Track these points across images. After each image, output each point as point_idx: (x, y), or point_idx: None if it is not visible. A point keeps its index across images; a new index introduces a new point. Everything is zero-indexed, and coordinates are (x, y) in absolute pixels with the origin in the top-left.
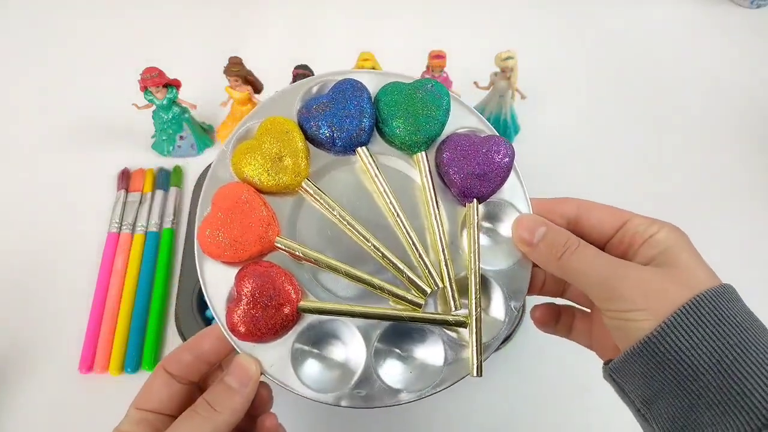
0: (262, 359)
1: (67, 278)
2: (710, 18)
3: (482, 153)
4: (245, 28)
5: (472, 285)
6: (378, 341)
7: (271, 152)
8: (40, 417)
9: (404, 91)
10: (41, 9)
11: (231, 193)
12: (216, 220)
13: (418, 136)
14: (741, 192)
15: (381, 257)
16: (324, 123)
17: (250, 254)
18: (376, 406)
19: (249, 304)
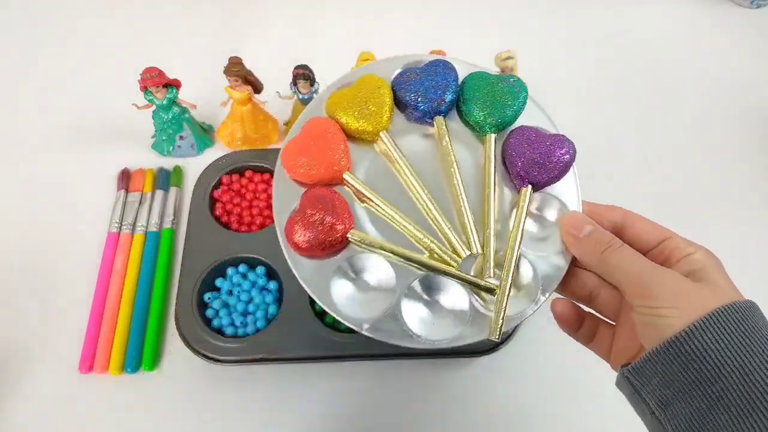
0: (307, 275)
1: (67, 278)
2: (710, 18)
3: (546, 145)
4: (245, 28)
5: (510, 258)
6: (410, 288)
7: (361, 101)
8: (40, 417)
9: (488, 80)
10: (41, 9)
11: (321, 123)
12: (302, 141)
13: (491, 118)
14: (741, 192)
15: (431, 214)
16: (412, 88)
17: (320, 178)
18: (393, 343)
19: (308, 216)
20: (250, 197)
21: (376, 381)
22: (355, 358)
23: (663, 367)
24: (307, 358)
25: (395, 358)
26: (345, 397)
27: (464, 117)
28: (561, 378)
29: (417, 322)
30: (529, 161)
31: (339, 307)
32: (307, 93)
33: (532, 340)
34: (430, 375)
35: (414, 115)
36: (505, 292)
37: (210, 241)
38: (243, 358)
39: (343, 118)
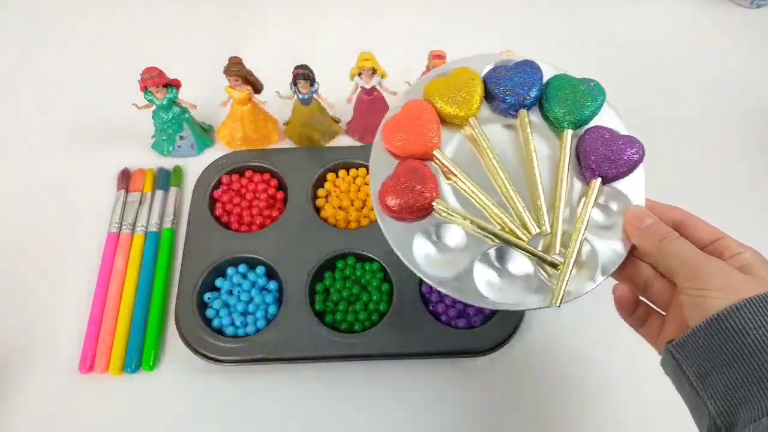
0: (394, 234)
1: (67, 278)
2: (710, 18)
3: (618, 144)
4: (245, 28)
5: (576, 239)
6: (483, 254)
7: (454, 89)
8: (40, 417)
9: (571, 81)
10: (41, 9)
11: (418, 105)
12: (401, 119)
13: (570, 116)
14: (741, 192)
15: (508, 193)
16: (502, 82)
17: (413, 152)
18: (464, 300)
19: (401, 183)
20: (250, 197)
21: (376, 381)
22: (356, 358)
23: (704, 341)
24: (307, 358)
25: (395, 358)
26: (345, 398)
27: (545, 112)
28: (560, 378)
29: (486, 286)
30: (601, 157)
31: (418, 263)
32: (307, 93)
33: (531, 340)
34: (430, 375)
35: (500, 107)
36: (568, 267)
37: (210, 241)
38: (243, 358)
39: (438, 102)
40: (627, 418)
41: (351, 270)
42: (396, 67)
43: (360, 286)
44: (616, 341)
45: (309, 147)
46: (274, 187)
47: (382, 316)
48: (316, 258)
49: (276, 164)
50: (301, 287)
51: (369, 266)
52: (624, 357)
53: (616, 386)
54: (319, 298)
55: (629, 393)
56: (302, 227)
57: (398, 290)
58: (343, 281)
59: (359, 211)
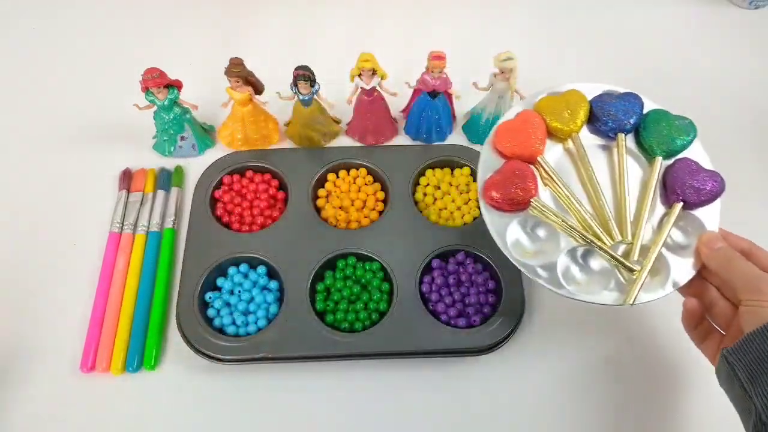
0: (497, 222)
1: (69, 278)
2: (709, 19)
3: (702, 176)
4: (246, 29)
5: (654, 250)
6: (570, 251)
7: (562, 107)
8: (42, 416)
9: (668, 116)
10: (41, 9)
11: (530, 116)
12: (513, 125)
13: (663, 146)
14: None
15: (597, 203)
16: (606, 108)
17: (520, 154)
18: (546, 286)
19: (506, 178)
20: (251, 197)
21: (376, 380)
22: (356, 357)
23: (757, 345)
24: (308, 358)
25: (396, 357)
26: (345, 397)
27: (641, 140)
28: (560, 377)
29: (566, 278)
30: (686, 185)
31: (509, 249)
32: (308, 93)
33: (531, 340)
34: (431, 374)
35: (602, 129)
36: (644, 272)
37: (211, 240)
38: (244, 357)
39: (547, 116)
40: (627, 417)
41: (351, 270)
42: (396, 68)
43: (360, 285)
44: (616, 341)
45: (309, 147)
46: (275, 188)
47: (382, 315)
48: (317, 258)
49: (277, 164)
50: (302, 287)
51: (369, 266)
52: (624, 356)
53: (616, 385)
54: (320, 298)
55: (629, 392)
56: (303, 227)
57: (398, 290)
58: (343, 281)
59: (360, 211)
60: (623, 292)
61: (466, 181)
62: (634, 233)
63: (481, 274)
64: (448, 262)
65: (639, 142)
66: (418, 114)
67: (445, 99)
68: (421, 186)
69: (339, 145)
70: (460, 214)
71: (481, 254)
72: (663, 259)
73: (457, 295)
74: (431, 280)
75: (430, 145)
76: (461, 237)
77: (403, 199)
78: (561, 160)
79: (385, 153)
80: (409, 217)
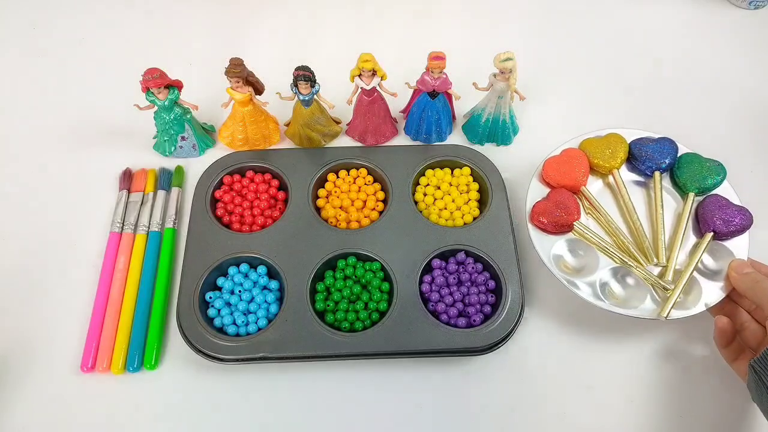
0: (543, 246)
1: (70, 278)
2: (709, 18)
3: (732, 210)
4: (246, 29)
5: (687, 272)
6: (611, 269)
7: (605, 147)
8: (42, 416)
9: (700, 159)
10: (42, 9)
11: (576, 152)
12: (561, 159)
13: (696, 183)
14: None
15: (635, 230)
16: (644, 149)
17: (565, 184)
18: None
19: (552, 204)
20: (251, 197)
21: (376, 380)
22: (356, 357)
23: None
24: (308, 357)
25: (396, 357)
26: (346, 396)
27: (675, 178)
28: (560, 377)
29: (606, 293)
30: (716, 217)
31: (551, 265)
32: (308, 94)
33: (531, 339)
34: (431, 374)
35: (639, 167)
36: (678, 289)
37: (211, 240)
38: (244, 357)
39: (589, 153)
40: (627, 416)
41: (352, 270)
42: (396, 69)
43: (360, 285)
44: (615, 340)
45: (310, 147)
46: (275, 188)
47: (382, 315)
48: (317, 258)
49: (277, 164)
50: (302, 287)
51: (369, 266)
52: (624, 355)
53: (616, 385)
54: (320, 298)
55: (629, 392)
56: (303, 227)
57: (398, 290)
58: (343, 281)
59: (360, 211)
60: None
61: (466, 181)
62: (668, 257)
63: (482, 274)
64: (448, 261)
65: (674, 180)
66: (418, 114)
67: (445, 99)
68: (421, 186)
69: (339, 145)
70: (460, 214)
71: (482, 254)
72: (695, 281)
73: (458, 295)
74: (431, 279)
75: (430, 145)
76: (461, 237)
77: (403, 199)
78: (602, 192)
79: (385, 153)
80: (410, 217)
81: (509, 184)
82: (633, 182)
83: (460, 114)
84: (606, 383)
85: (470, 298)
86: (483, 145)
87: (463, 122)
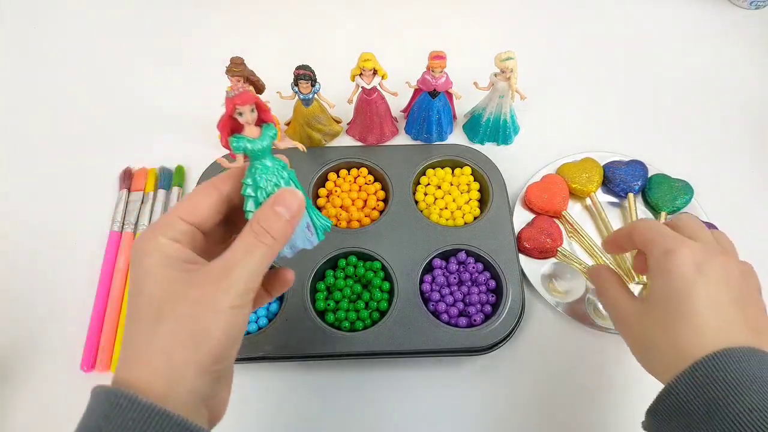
0: (528, 266)
1: (70, 277)
2: (709, 18)
3: None
4: (247, 28)
5: None
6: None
7: (581, 171)
8: (42, 416)
9: (668, 180)
10: (42, 8)
11: (555, 178)
12: (540, 185)
13: (668, 204)
14: (741, 193)
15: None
16: (618, 172)
17: (547, 210)
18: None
19: (536, 230)
20: None
21: (376, 380)
22: (356, 356)
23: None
24: (308, 357)
25: (396, 356)
26: (346, 396)
27: (647, 198)
28: (561, 377)
29: (593, 313)
30: None
31: (541, 288)
32: (308, 93)
33: (531, 339)
34: (431, 374)
35: (614, 189)
36: None
37: None
38: (244, 356)
39: (568, 179)
40: (627, 416)
41: (352, 269)
42: (396, 68)
43: (361, 284)
44: (616, 340)
45: (310, 147)
46: None
47: (383, 314)
48: (318, 256)
49: None
50: (303, 286)
51: (370, 265)
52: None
53: (616, 385)
54: (321, 297)
55: (629, 391)
56: None
57: (399, 289)
58: (344, 280)
59: (360, 211)
60: None
61: (466, 180)
62: None
63: (482, 273)
64: (449, 261)
65: (646, 200)
66: (418, 114)
67: (445, 99)
68: (421, 185)
69: (340, 144)
70: (460, 214)
71: (482, 254)
72: None
73: (458, 295)
74: (432, 279)
75: (431, 144)
76: (462, 236)
77: (403, 199)
78: (581, 214)
79: (385, 153)
80: (410, 216)
81: (510, 183)
82: (608, 203)
83: (461, 113)
84: (606, 383)
85: (471, 297)
86: (484, 145)
87: (463, 122)
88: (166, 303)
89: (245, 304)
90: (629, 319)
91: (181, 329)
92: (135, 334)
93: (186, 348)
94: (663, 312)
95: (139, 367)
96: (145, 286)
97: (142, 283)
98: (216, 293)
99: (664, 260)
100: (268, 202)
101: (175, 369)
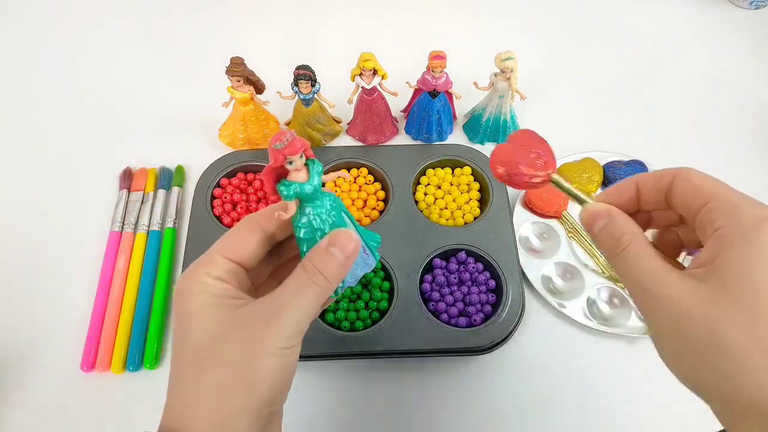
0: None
1: (70, 277)
2: (709, 18)
3: None
4: (247, 28)
5: None
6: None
7: (581, 171)
8: (42, 415)
9: None
10: (42, 7)
11: None
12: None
13: None
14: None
15: None
16: (618, 171)
17: (547, 210)
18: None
19: (517, 146)
20: (252, 197)
21: (376, 380)
22: (356, 356)
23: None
24: (308, 356)
25: (396, 356)
26: (345, 396)
27: None
28: (561, 376)
29: (593, 314)
30: None
31: (542, 289)
32: (308, 93)
33: (531, 339)
34: (431, 373)
35: None
36: None
37: (212, 240)
38: None
39: (568, 178)
40: (628, 416)
41: None
42: (396, 68)
43: (361, 284)
44: (616, 340)
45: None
46: None
47: (383, 314)
48: None
49: None
50: None
51: None
52: (625, 355)
53: (616, 384)
54: None
55: (629, 391)
56: None
57: (399, 289)
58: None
59: (360, 210)
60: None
61: (467, 180)
62: None
63: (482, 273)
64: (449, 261)
65: None
66: (418, 113)
67: (445, 99)
68: (421, 185)
69: (340, 144)
70: (461, 214)
71: (482, 254)
72: None
73: (458, 295)
74: (432, 279)
75: (431, 144)
76: (462, 236)
77: (403, 199)
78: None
79: (385, 152)
80: (410, 216)
81: None
82: None
83: (461, 113)
84: (606, 383)
85: (471, 297)
86: (484, 145)
87: (463, 122)
88: (213, 347)
89: (296, 344)
90: (677, 304)
91: (230, 375)
92: (182, 380)
93: (236, 395)
94: (753, 304)
95: (189, 415)
96: (190, 329)
97: (186, 326)
98: (265, 335)
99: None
100: (322, 242)
101: (226, 417)
